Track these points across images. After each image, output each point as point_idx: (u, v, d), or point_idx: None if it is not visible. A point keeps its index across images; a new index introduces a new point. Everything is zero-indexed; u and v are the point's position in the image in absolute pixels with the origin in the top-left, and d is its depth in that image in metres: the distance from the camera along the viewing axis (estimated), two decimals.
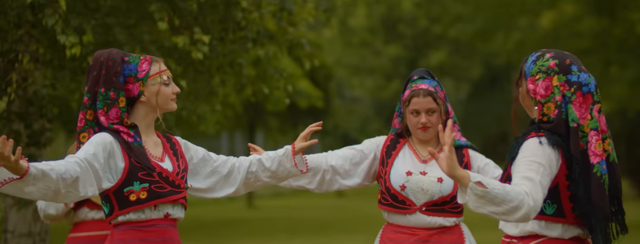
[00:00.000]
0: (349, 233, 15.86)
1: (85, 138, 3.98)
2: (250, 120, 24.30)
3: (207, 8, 7.64)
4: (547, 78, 3.56)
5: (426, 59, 33.03)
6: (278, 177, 4.34)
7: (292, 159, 4.29)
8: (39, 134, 7.27)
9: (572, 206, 3.54)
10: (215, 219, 19.35)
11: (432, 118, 4.61)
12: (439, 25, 29.49)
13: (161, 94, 4.04)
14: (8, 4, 6.66)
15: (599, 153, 3.51)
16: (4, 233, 7.62)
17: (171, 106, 4.09)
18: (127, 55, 4.06)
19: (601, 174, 3.49)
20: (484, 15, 21.24)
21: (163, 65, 4.09)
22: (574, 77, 3.56)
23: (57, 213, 5.46)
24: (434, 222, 4.56)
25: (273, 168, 4.31)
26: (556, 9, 19.50)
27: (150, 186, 3.96)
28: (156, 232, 4.01)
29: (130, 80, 4.01)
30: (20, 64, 6.61)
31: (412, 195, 4.57)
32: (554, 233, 3.56)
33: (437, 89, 4.66)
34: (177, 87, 4.13)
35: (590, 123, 3.53)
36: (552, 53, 3.62)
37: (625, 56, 19.01)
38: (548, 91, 3.56)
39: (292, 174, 4.30)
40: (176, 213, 4.06)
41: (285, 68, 9.53)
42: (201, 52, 7.05)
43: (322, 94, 23.37)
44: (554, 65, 3.57)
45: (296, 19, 8.28)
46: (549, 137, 3.52)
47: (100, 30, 7.32)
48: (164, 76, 4.05)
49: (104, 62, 3.99)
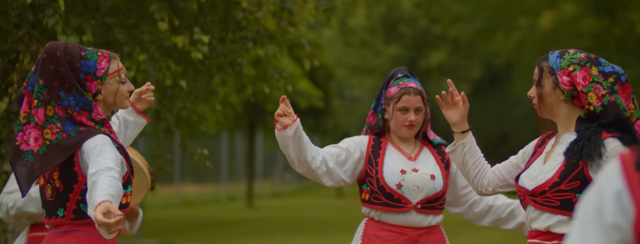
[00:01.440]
0: (349, 233, 15.81)
1: (49, 134, 3.82)
2: (250, 120, 24.30)
3: (207, 8, 7.64)
4: (583, 68, 3.55)
5: (426, 59, 33.03)
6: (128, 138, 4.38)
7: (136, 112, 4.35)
8: None
9: None
10: (215, 219, 19.36)
11: (419, 117, 4.65)
12: (439, 25, 29.49)
13: (119, 93, 3.94)
14: (9, 4, 6.66)
15: None
16: (4, 233, 7.62)
17: (125, 104, 4.00)
18: (83, 49, 3.90)
19: None
20: (484, 15, 21.25)
21: (119, 61, 3.97)
22: (608, 68, 3.55)
23: (39, 211, 5.04)
24: (424, 221, 4.58)
25: (129, 123, 4.35)
26: (556, 9, 19.51)
27: (130, 191, 3.94)
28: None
29: (88, 78, 3.86)
30: (21, 64, 6.61)
31: (408, 193, 4.59)
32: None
33: (423, 89, 4.72)
34: (132, 85, 4.03)
35: (636, 112, 3.51)
36: (574, 49, 3.64)
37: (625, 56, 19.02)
38: (587, 81, 3.54)
39: (138, 127, 4.36)
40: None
41: (285, 68, 9.55)
42: (201, 53, 7.05)
43: (322, 94, 23.37)
44: (584, 57, 3.57)
45: (296, 19, 8.28)
46: (622, 138, 3.48)
47: (100, 30, 7.32)
48: (122, 74, 3.94)
49: (61, 57, 3.82)
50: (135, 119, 4.38)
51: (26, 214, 5.19)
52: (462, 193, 4.71)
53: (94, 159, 3.68)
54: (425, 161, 4.66)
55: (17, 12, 6.65)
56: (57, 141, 3.82)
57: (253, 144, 25.71)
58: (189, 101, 8.38)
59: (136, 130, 4.42)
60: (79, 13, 6.80)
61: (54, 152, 3.82)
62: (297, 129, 4.51)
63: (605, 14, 18.98)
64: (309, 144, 4.58)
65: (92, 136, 3.79)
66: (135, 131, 4.42)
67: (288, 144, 4.51)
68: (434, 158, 4.67)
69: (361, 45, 34.15)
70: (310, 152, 4.58)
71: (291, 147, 4.52)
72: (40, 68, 3.84)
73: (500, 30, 21.13)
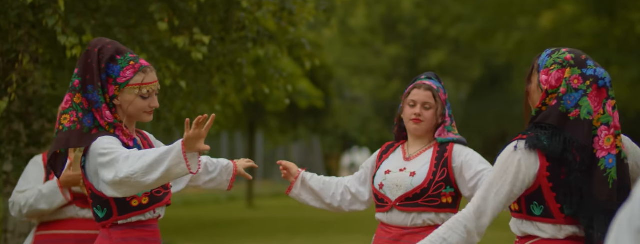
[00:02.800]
0: (349, 233, 15.86)
1: (67, 120, 3.89)
2: (250, 120, 24.30)
3: (207, 8, 7.64)
4: (560, 70, 3.57)
5: (426, 59, 33.03)
6: (209, 185, 4.57)
7: (232, 174, 4.59)
8: (38, 134, 7.27)
9: (560, 206, 3.53)
10: (215, 219, 19.36)
11: (427, 113, 4.61)
12: (439, 25, 29.50)
13: (134, 105, 3.94)
14: (9, 4, 6.66)
15: (607, 148, 3.50)
16: (4, 233, 7.62)
17: (144, 118, 3.98)
18: (121, 53, 3.95)
19: (606, 168, 3.48)
20: (484, 15, 21.26)
21: (150, 77, 3.96)
22: (590, 71, 3.56)
23: (51, 207, 5.19)
24: (407, 219, 4.55)
25: (215, 174, 4.55)
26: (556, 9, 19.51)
27: (151, 192, 3.97)
28: (152, 232, 4.04)
29: (110, 81, 3.91)
30: (21, 64, 6.61)
31: (389, 192, 4.60)
32: (546, 234, 3.57)
33: (440, 90, 4.68)
34: (157, 102, 4.00)
35: (602, 117, 3.53)
36: (567, 49, 3.65)
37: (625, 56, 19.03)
38: (558, 83, 3.56)
39: (220, 187, 4.59)
40: (163, 213, 4.09)
41: (285, 68, 9.55)
42: (201, 53, 7.05)
43: (322, 94, 23.36)
44: (570, 58, 3.59)
45: (296, 19, 8.28)
46: (529, 140, 3.52)
47: (100, 31, 7.32)
48: (144, 89, 3.93)
49: (96, 54, 3.89)
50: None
51: (38, 212, 5.23)
52: (471, 185, 4.57)
53: (108, 158, 3.77)
54: (420, 160, 4.65)
55: (17, 12, 6.65)
56: (68, 130, 3.89)
57: (253, 144, 25.72)
58: (189, 101, 8.38)
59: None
60: (79, 13, 6.80)
61: (61, 138, 3.89)
62: (302, 185, 4.79)
63: (605, 14, 18.98)
64: (324, 188, 4.82)
65: (98, 137, 3.87)
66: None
67: (304, 201, 4.84)
68: (431, 156, 4.63)
69: (361, 45, 34.15)
70: (328, 193, 4.81)
71: (309, 201, 4.84)
72: (80, 58, 3.95)
73: (500, 30, 21.13)
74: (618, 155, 3.52)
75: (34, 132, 7.25)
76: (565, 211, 3.52)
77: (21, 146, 7.14)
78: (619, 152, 3.53)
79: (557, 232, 3.55)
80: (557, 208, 3.52)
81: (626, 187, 3.54)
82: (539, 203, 3.55)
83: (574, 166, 3.48)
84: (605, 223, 3.48)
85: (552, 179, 3.51)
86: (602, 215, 3.48)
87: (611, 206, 3.48)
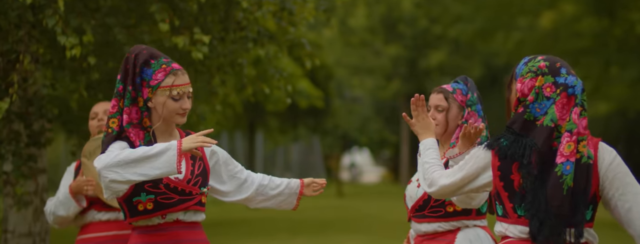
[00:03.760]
0: (349, 233, 15.86)
1: (115, 124, 4.03)
2: (250, 120, 24.31)
3: (208, 8, 7.65)
4: (534, 78, 3.65)
5: (426, 59, 33.02)
6: (276, 201, 4.48)
7: (297, 196, 4.48)
8: (39, 134, 7.27)
9: (512, 206, 3.61)
10: (216, 219, 19.36)
11: (440, 116, 4.57)
12: (439, 25, 29.50)
13: (166, 107, 4.03)
14: (9, 4, 6.66)
15: (566, 154, 3.56)
16: (4, 233, 7.62)
17: (177, 120, 4.08)
18: (155, 57, 4.08)
19: (562, 173, 3.53)
20: (484, 15, 21.26)
21: (181, 79, 4.07)
22: (562, 79, 3.63)
23: (68, 214, 5.38)
24: (420, 230, 4.55)
25: (281, 188, 4.45)
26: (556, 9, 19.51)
27: (156, 198, 4.01)
28: (165, 235, 4.05)
29: (144, 84, 4.04)
30: (21, 64, 6.61)
31: (408, 202, 4.62)
32: (511, 233, 3.64)
33: (458, 91, 4.61)
34: (188, 104, 4.10)
35: (567, 125, 3.60)
36: (543, 56, 3.72)
37: (625, 56, 19.03)
38: (529, 91, 3.63)
39: (287, 204, 4.48)
40: (189, 218, 4.09)
41: (285, 68, 9.55)
42: (201, 53, 7.05)
43: (322, 94, 23.38)
44: (544, 66, 3.66)
45: (296, 19, 8.28)
46: (491, 140, 3.66)
47: (100, 31, 7.32)
48: (174, 91, 4.03)
49: (131, 60, 4.04)
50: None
51: (60, 218, 5.40)
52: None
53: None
54: None
55: (17, 12, 6.65)
56: (115, 132, 4.06)
57: (253, 144, 25.72)
58: None
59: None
60: (79, 13, 6.80)
61: (104, 141, 4.05)
62: None
63: (605, 14, 18.98)
64: None
65: (111, 144, 4.01)
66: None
67: None
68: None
69: (361, 45, 34.15)
70: None
71: None
72: (121, 65, 4.11)
73: (500, 30, 21.13)
74: (578, 160, 3.56)
75: (34, 132, 7.25)
76: (518, 211, 3.60)
77: (21, 146, 7.14)
78: (580, 158, 3.56)
79: (518, 232, 3.61)
80: (510, 207, 3.61)
81: (581, 192, 3.56)
82: (499, 202, 3.66)
83: (528, 169, 3.53)
84: (554, 227, 3.52)
85: (502, 179, 3.60)
86: (552, 219, 3.52)
87: (561, 211, 3.52)
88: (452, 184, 3.73)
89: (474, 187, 3.71)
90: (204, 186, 4.11)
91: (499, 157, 3.61)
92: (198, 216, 4.11)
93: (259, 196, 4.39)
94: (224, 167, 4.28)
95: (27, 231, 7.54)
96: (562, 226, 3.55)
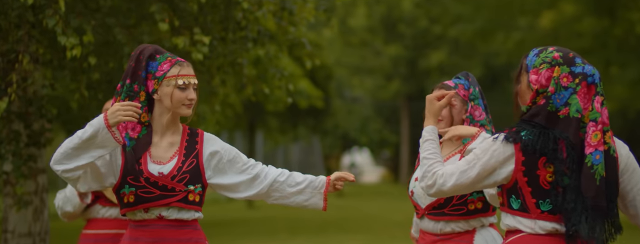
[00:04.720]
0: (349, 233, 15.86)
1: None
2: (250, 120, 24.31)
3: (208, 8, 7.64)
4: (549, 69, 3.59)
5: (426, 59, 33.02)
6: (297, 199, 4.33)
7: (322, 196, 4.35)
8: (38, 134, 7.27)
9: (535, 201, 3.54)
10: (216, 219, 19.36)
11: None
12: (439, 25, 29.49)
13: (173, 97, 4.09)
14: (9, 4, 6.66)
15: (594, 144, 3.51)
16: (4, 233, 7.62)
17: (183, 111, 4.12)
18: (160, 52, 4.16)
19: (592, 164, 3.50)
20: (484, 15, 21.25)
21: (186, 70, 4.13)
22: (579, 69, 3.58)
23: (74, 210, 5.57)
24: (438, 228, 4.50)
25: (302, 186, 4.32)
26: (556, 9, 19.49)
27: (136, 191, 4.06)
28: (147, 232, 4.08)
29: (149, 77, 4.11)
30: (21, 64, 6.61)
31: (419, 200, 4.56)
32: (527, 229, 3.58)
33: (460, 86, 4.62)
34: (194, 95, 4.14)
35: (591, 114, 3.56)
36: (554, 47, 3.67)
37: (625, 56, 19.02)
38: (548, 82, 3.58)
39: (312, 204, 4.32)
40: (172, 215, 4.08)
41: (285, 68, 9.54)
42: (201, 53, 7.05)
43: (322, 94, 23.37)
44: (558, 56, 3.60)
45: (296, 19, 8.28)
46: (509, 134, 3.57)
47: (100, 31, 7.32)
48: (179, 80, 4.09)
49: (136, 56, 4.11)
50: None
51: (67, 213, 5.63)
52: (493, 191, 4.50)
53: None
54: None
55: (17, 12, 6.65)
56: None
57: (253, 144, 25.72)
58: None
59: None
60: (79, 13, 6.80)
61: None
62: None
63: (605, 14, 18.97)
64: None
65: None
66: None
67: None
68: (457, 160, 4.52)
69: (361, 45, 34.16)
70: None
71: None
72: (127, 64, 4.21)
73: (500, 30, 21.12)
74: (606, 151, 3.54)
75: (34, 132, 7.25)
76: (542, 206, 3.54)
77: (21, 146, 7.14)
78: (608, 148, 3.53)
79: (536, 227, 3.56)
80: (533, 203, 3.55)
81: (613, 183, 3.55)
82: (516, 196, 3.58)
83: (562, 163, 3.49)
84: (592, 220, 3.49)
85: (527, 174, 3.54)
86: (589, 211, 3.49)
87: (598, 203, 3.49)
88: (467, 181, 3.60)
89: (489, 183, 3.61)
90: (192, 184, 4.09)
91: (524, 151, 3.53)
92: (184, 214, 4.09)
93: (274, 192, 4.29)
94: (230, 165, 4.25)
95: (27, 231, 7.54)
96: (600, 219, 3.50)
